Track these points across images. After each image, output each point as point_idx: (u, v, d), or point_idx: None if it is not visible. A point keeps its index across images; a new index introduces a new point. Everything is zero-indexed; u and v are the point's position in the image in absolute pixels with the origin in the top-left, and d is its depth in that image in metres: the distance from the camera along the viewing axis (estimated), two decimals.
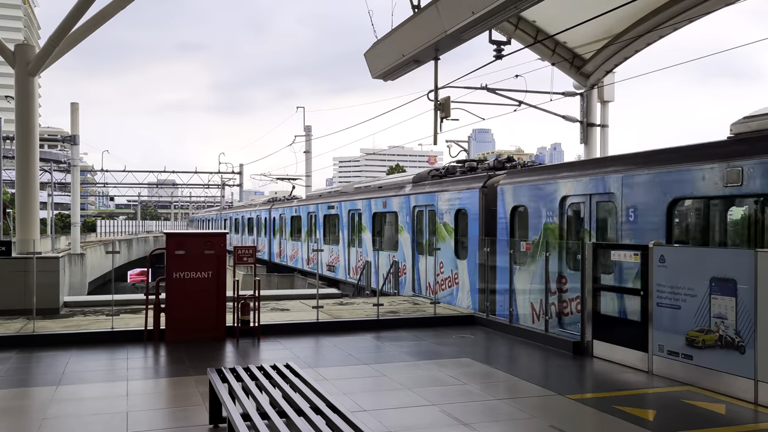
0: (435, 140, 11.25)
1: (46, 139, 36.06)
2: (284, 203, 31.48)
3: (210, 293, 10.36)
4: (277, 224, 30.98)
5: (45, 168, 48.03)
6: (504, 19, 9.20)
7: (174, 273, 10.24)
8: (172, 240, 10.31)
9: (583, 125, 18.37)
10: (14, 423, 6.14)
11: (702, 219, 8.62)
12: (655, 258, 8.08)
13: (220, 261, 10.44)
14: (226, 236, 10.77)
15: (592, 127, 18.36)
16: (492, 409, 6.63)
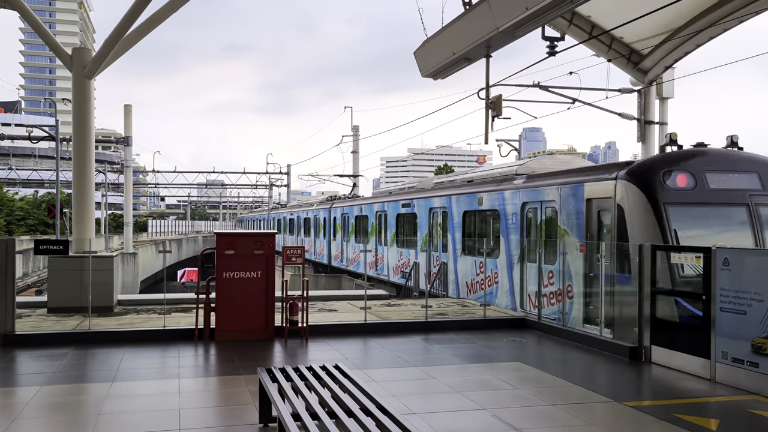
0: (486, 139, 11.17)
1: (100, 140, 37.21)
2: (345, 201, 30.01)
3: (259, 293, 10.52)
4: (339, 224, 29.37)
5: (99, 169, 49.61)
6: (558, 15, 9.07)
7: (224, 273, 10.43)
8: (222, 240, 10.51)
9: (641, 123, 17.95)
10: (71, 418, 6.36)
11: (478, 222, 15.91)
12: (718, 261, 7.84)
13: (269, 261, 10.59)
14: (275, 236, 10.92)
15: (650, 125, 17.93)
16: (545, 415, 6.54)
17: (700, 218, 10.92)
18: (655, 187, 10.88)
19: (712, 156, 11.59)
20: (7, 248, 9.98)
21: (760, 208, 11.06)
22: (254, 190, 72.67)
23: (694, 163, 11.28)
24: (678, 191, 10.88)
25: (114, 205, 77.13)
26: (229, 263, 10.45)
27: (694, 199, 10.90)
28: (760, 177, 11.39)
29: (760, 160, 11.82)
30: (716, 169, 11.25)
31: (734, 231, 11.02)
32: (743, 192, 11.15)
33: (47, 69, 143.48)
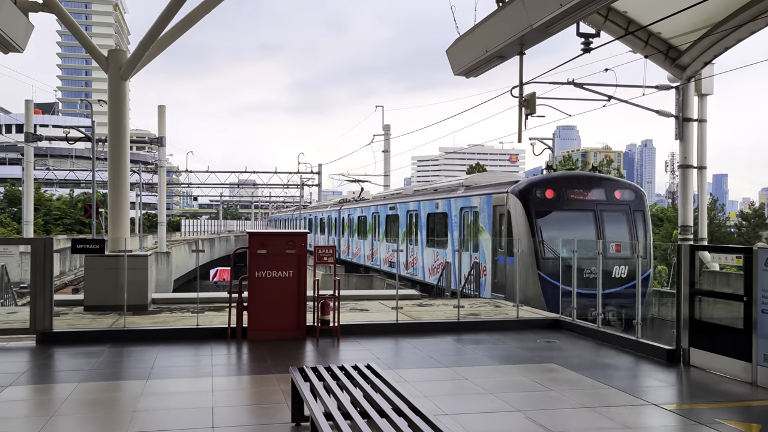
0: (519, 138, 11.08)
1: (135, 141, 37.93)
2: (352, 204, 34.67)
3: (291, 292, 10.60)
4: (345, 223, 34.35)
5: (134, 169, 50.48)
6: (594, 11, 8.95)
7: (256, 272, 10.53)
8: (254, 239, 10.61)
9: (679, 120, 17.62)
10: (108, 415, 6.48)
11: (436, 222, 19.83)
12: (760, 262, 7.66)
13: (301, 260, 10.66)
14: (307, 236, 10.98)
15: (689, 122, 17.59)
16: (581, 417, 6.46)
17: (559, 220, 16.32)
18: (529, 198, 16.27)
19: (571, 177, 17.19)
20: (45, 247, 10.21)
21: (603, 214, 16.54)
22: (285, 189, 73.25)
23: (558, 182, 16.71)
24: (545, 201, 16.31)
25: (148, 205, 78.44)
26: (262, 262, 10.54)
27: (555, 207, 16.41)
28: (606, 191, 16.80)
29: (608, 179, 17.49)
30: (574, 185, 16.64)
31: (584, 230, 16.13)
32: (592, 202, 16.55)
33: (83, 71, 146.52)
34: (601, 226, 16.40)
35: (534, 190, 16.50)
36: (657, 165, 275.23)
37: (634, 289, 10.04)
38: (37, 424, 6.11)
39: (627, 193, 17.22)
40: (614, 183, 17.48)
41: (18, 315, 12.22)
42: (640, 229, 17.08)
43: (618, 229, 16.88)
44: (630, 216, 17.01)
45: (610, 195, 16.94)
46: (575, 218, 16.47)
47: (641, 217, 17.14)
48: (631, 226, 16.97)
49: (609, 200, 16.81)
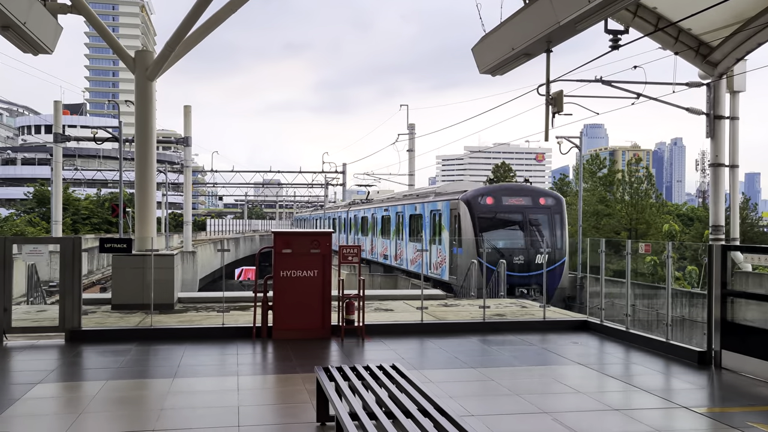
0: (546, 136, 10.98)
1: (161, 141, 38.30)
2: (358, 206, 39.35)
3: (316, 292, 10.64)
4: (352, 223, 39.75)
5: (160, 169, 51.12)
6: (623, 7, 8.84)
7: (281, 271, 10.59)
8: (279, 239, 10.67)
9: (710, 118, 17.34)
10: (135, 412, 6.57)
11: (416, 221, 25.05)
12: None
13: (325, 260, 10.70)
14: (331, 235, 11.02)
15: (720, 120, 17.30)
16: (609, 420, 6.39)
17: (495, 220, 21.37)
18: (473, 203, 21.23)
19: (506, 188, 22.77)
20: (73, 246, 10.38)
21: (529, 216, 21.25)
22: (310, 189, 73.55)
23: (497, 191, 21.92)
24: (486, 207, 21.33)
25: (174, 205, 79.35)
26: (287, 262, 10.60)
27: (493, 210, 21.38)
28: (533, 198, 21.51)
29: (535, 189, 22.55)
30: (509, 194, 21.65)
31: (515, 233, 21.31)
32: (521, 206, 21.32)
33: (111, 72, 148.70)
34: (527, 226, 21.47)
35: (478, 197, 21.70)
36: (687, 163, 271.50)
37: (552, 272, 17.93)
38: (65, 421, 6.22)
39: (549, 200, 21.93)
40: (539, 192, 22.53)
41: (47, 313, 12.44)
42: (558, 228, 21.75)
43: (540, 228, 21.59)
44: (550, 217, 21.71)
45: (536, 201, 21.74)
46: (508, 219, 21.79)
47: (559, 219, 21.83)
48: (551, 225, 21.64)
49: (534, 205, 21.67)
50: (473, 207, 21.46)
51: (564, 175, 63.37)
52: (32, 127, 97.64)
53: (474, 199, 21.67)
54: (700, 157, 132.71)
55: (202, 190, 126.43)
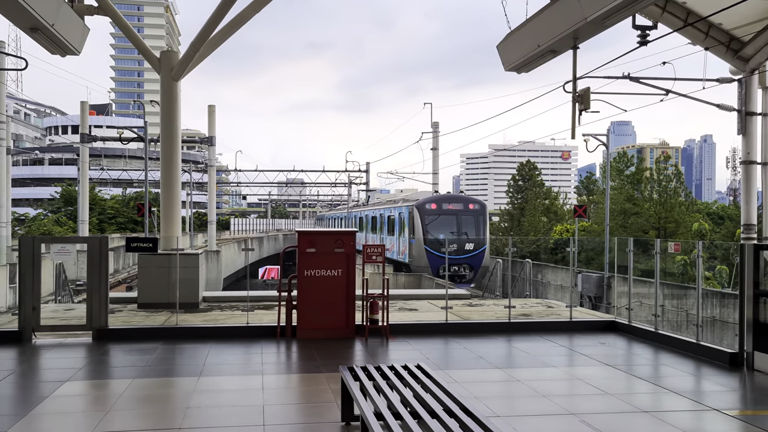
0: (573, 134, 10.88)
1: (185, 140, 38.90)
2: (359, 208, 50.65)
3: (340, 291, 10.68)
4: (352, 222, 50.21)
5: (185, 168, 51.67)
6: (651, 3, 8.73)
7: (305, 270, 10.64)
8: (303, 238, 10.73)
9: (741, 114, 17.05)
10: (161, 411, 6.66)
11: (391, 221, 36.20)
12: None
13: (349, 259, 10.73)
14: (355, 234, 11.06)
15: (752, 116, 17.00)
16: (638, 422, 6.33)
17: (437, 220, 31.34)
18: (422, 208, 31.42)
19: (446, 197, 32.91)
20: (100, 246, 10.54)
21: (462, 217, 31.59)
22: (333, 188, 73.78)
23: (439, 199, 32.10)
24: (431, 210, 31.49)
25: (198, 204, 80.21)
26: (311, 261, 10.65)
27: (436, 213, 31.49)
28: (464, 204, 31.84)
29: (466, 198, 33.57)
30: (447, 201, 31.78)
31: (451, 228, 31.17)
32: (456, 210, 31.62)
33: (136, 72, 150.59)
34: (460, 224, 31.72)
35: (425, 204, 31.91)
36: (717, 161, 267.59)
37: (476, 256, 30.31)
38: (94, 418, 6.32)
39: (476, 206, 32.46)
40: (469, 199, 33.21)
41: (75, 312, 12.65)
42: (481, 225, 32.02)
43: (469, 225, 31.82)
44: (476, 218, 32.01)
45: (466, 206, 32.13)
46: (446, 219, 31.63)
47: (483, 219, 32.15)
48: (477, 223, 31.93)
49: (465, 209, 32.02)
50: (422, 211, 31.68)
51: (590, 174, 62.83)
52: (59, 128, 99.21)
53: (422, 205, 31.78)
54: (731, 155, 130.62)
55: (225, 190, 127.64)
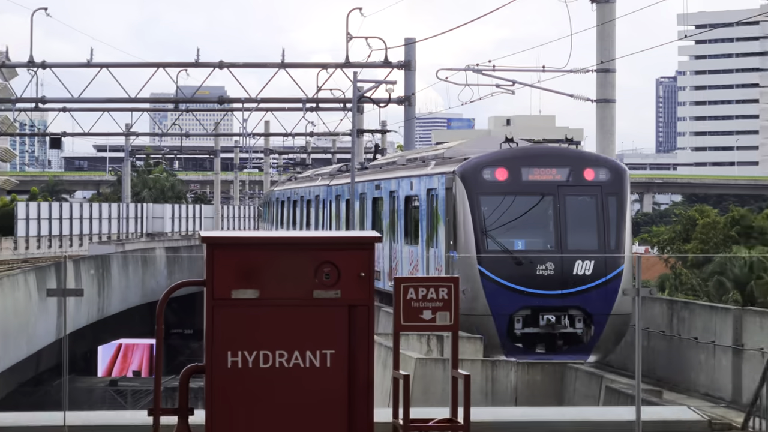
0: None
1: None
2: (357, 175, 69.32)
3: (327, 413, 10.73)
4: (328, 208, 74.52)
5: None
6: None
7: (230, 352, 10.68)
8: (226, 258, 10.79)
9: None
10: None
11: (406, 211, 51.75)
12: None
13: (357, 320, 10.75)
14: (373, 249, 11.07)
15: None
16: None
17: (514, 210, 42.33)
18: (475, 178, 41.93)
19: (533, 150, 51.01)
20: None
21: (566, 199, 42.55)
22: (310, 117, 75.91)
23: (516, 156, 44.30)
24: (494, 183, 42.50)
25: None
26: (246, 327, 10.69)
27: (508, 189, 42.86)
28: (572, 168, 43.40)
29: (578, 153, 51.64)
30: (533, 162, 43.61)
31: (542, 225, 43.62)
32: (555, 184, 42.70)
33: None
34: (561, 215, 40.80)
35: (481, 168, 41.29)
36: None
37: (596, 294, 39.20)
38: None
39: (601, 172, 41.92)
40: (583, 156, 46.20)
41: None
42: (613, 217, 41.17)
43: (585, 218, 41.71)
44: (601, 202, 41.41)
45: (578, 173, 41.94)
46: (530, 203, 41.34)
47: (618, 204, 41.52)
48: (603, 214, 41.19)
49: (575, 180, 41.78)
50: (473, 184, 41.32)
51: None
52: None
53: (475, 171, 41.91)
54: None
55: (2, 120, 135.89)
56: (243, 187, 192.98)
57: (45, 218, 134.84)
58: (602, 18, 51.68)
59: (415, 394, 10.74)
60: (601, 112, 51.93)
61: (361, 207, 57.28)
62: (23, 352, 46.86)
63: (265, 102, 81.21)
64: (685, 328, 35.41)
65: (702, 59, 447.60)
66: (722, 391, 31.69)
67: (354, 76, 65.00)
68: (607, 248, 39.11)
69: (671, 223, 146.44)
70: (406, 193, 44.79)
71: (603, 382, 30.17)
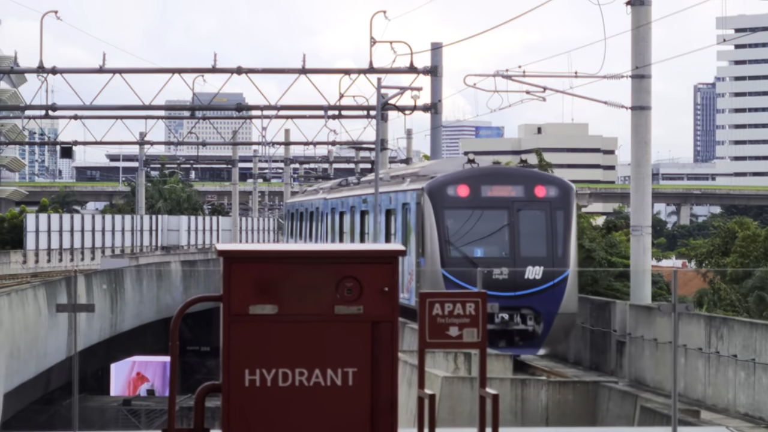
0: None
1: None
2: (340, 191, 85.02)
3: (343, 427, 10.70)
4: (324, 220, 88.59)
5: None
6: None
7: (248, 370, 10.66)
8: (241, 273, 10.77)
9: None
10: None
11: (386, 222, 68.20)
12: None
13: (380, 338, 10.73)
14: (397, 262, 11.05)
15: None
16: None
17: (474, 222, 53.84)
18: (440, 194, 53.44)
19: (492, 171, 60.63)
20: None
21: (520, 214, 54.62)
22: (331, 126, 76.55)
23: (476, 176, 56.03)
24: (457, 199, 54.25)
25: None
26: (263, 344, 10.67)
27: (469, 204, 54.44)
28: (526, 186, 55.29)
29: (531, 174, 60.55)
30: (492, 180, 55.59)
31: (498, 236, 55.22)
32: (510, 200, 54.52)
33: None
34: (515, 227, 50.98)
35: (446, 185, 51.63)
36: None
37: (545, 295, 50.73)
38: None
39: (551, 189, 51.87)
40: (536, 176, 55.08)
41: None
42: (560, 229, 50.99)
43: (536, 230, 51.60)
44: (550, 215, 51.23)
45: (530, 191, 51.98)
46: (489, 217, 51.77)
47: (564, 217, 51.15)
48: (552, 226, 50.99)
49: (527, 197, 52.06)
50: (438, 199, 50.04)
51: None
52: None
53: (439, 189, 50.88)
54: None
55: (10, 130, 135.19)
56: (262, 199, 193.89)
57: (55, 231, 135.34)
58: (637, 21, 51.66)
59: (441, 415, 10.68)
60: (636, 119, 51.91)
61: (351, 219, 68.31)
62: (32, 370, 46.89)
63: (285, 109, 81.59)
64: (723, 346, 35.45)
65: (742, 64, 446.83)
66: (763, 411, 31.69)
67: (378, 82, 65.23)
68: (554, 256, 49.40)
69: (709, 236, 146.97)
70: (387, 206, 54.96)
71: (638, 401, 30.94)
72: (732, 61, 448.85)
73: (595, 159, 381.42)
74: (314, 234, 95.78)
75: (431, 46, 69.29)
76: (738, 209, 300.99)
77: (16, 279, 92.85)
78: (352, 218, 72.16)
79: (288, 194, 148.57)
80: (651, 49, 52.67)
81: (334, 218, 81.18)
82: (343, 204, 78.44)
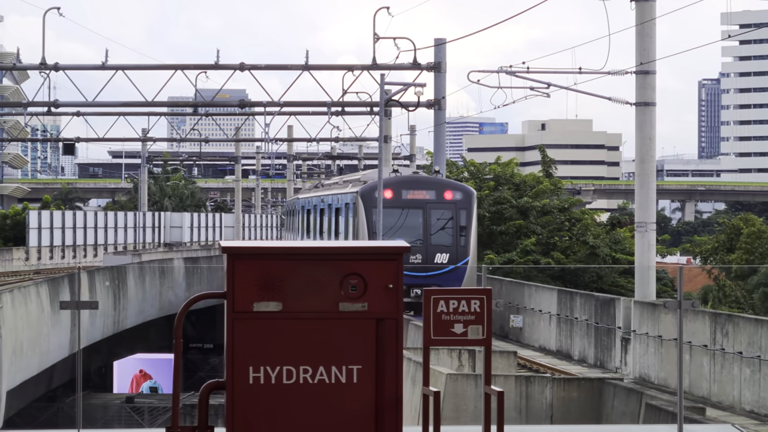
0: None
1: None
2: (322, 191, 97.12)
3: (347, 425, 10.68)
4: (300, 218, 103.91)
5: None
6: None
7: (252, 367, 10.65)
8: (246, 269, 10.75)
9: None
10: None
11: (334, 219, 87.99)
12: None
13: (385, 334, 10.71)
14: (401, 259, 11.04)
15: None
16: None
17: (393, 219, 70.91)
18: (368, 197, 72.23)
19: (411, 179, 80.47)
20: None
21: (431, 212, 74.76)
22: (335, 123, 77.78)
23: (398, 182, 75.40)
24: (382, 200, 68.79)
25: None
26: (267, 341, 10.66)
27: (391, 204, 71.01)
28: (437, 191, 74.95)
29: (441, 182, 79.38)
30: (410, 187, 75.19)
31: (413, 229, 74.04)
32: (424, 202, 75.01)
33: None
34: (428, 222, 68.83)
35: (373, 190, 66.43)
36: None
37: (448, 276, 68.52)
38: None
39: (456, 194, 69.36)
40: (445, 184, 72.25)
41: None
42: (463, 225, 68.04)
43: (444, 225, 69.28)
44: (455, 214, 68.79)
45: (440, 195, 69.50)
46: (406, 215, 68.89)
47: (466, 216, 68.55)
48: (456, 223, 68.44)
49: (438, 200, 69.40)
50: (367, 201, 64.32)
51: None
52: None
53: (368, 193, 65.42)
54: None
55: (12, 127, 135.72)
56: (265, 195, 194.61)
57: (58, 227, 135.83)
58: (642, 17, 51.94)
59: (446, 412, 10.65)
60: (640, 115, 52.20)
61: (313, 215, 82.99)
62: (36, 367, 46.89)
63: (288, 106, 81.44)
64: (729, 343, 35.41)
65: (747, 60, 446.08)
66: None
67: (381, 78, 65.29)
68: (458, 245, 64.46)
69: (714, 233, 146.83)
70: (336, 206, 68.74)
71: (643, 398, 31.04)
72: (737, 57, 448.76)
73: (600, 155, 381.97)
74: (295, 229, 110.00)
75: (435, 42, 69.47)
76: (743, 205, 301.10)
77: (18, 276, 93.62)
78: (315, 215, 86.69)
79: (291, 191, 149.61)
80: (655, 45, 52.84)
81: (304, 215, 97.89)
82: (309, 203, 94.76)
